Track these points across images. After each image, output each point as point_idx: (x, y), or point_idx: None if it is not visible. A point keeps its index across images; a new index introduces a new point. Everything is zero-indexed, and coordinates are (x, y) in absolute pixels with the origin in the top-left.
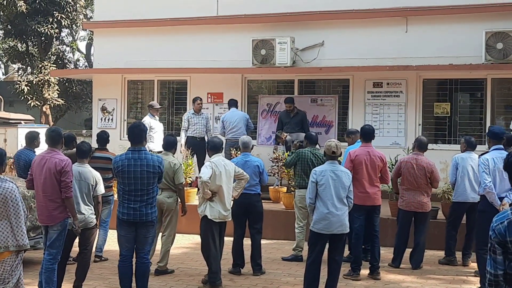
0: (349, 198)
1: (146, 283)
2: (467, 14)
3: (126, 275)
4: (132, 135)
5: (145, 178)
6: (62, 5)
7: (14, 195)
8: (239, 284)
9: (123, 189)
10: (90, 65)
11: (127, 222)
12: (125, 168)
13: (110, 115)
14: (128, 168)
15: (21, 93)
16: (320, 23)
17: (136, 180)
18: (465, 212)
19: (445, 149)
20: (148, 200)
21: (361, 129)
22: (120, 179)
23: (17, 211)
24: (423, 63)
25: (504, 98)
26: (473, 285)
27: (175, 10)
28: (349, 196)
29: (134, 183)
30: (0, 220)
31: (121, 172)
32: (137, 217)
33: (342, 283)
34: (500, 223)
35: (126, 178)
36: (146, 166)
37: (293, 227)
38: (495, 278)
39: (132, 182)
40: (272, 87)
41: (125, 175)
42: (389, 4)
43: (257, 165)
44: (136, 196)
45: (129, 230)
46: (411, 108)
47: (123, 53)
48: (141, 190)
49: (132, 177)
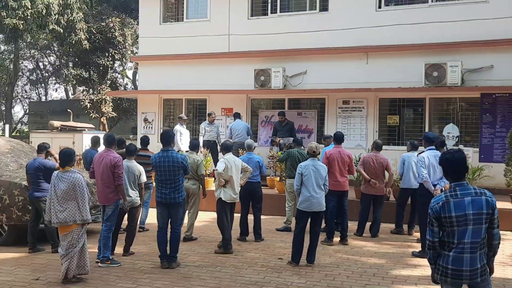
0: (325, 185)
1: (177, 246)
2: (411, 50)
3: (162, 241)
4: (163, 139)
5: (171, 171)
6: (115, 44)
7: (80, 182)
8: (245, 248)
9: (158, 179)
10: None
11: (161, 203)
12: (157, 163)
13: (150, 124)
14: (160, 163)
15: (85, 108)
16: (304, 57)
17: (166, 172)
18: (410, 195)
19: (395, 149)
20: (176, 187)
21: (334, 135)
22: (156, 172)
23: (82, 194)
24: (379, 86)
25: (438, 112)
26: (415, 249)
27: (198, 47)
28: (325, 184)
29: (165, 174)
30: (70, 201)
31: (156, 166)
32: (167, 200)
33: (320, 247)
34: (436, 203)
35: (159, 171)
36: (172, 162)
37: (284, 206)
38: (432, 244)
39: (163, 173)
40: (269, 104)
41: (158, 168)
42: (355, 43)
43: (258, 161)
44: (167, 184)
45: (164, 209)
46: (370, 119)
47: (160, 79)
48: (169, 180)
49: (163, 170)
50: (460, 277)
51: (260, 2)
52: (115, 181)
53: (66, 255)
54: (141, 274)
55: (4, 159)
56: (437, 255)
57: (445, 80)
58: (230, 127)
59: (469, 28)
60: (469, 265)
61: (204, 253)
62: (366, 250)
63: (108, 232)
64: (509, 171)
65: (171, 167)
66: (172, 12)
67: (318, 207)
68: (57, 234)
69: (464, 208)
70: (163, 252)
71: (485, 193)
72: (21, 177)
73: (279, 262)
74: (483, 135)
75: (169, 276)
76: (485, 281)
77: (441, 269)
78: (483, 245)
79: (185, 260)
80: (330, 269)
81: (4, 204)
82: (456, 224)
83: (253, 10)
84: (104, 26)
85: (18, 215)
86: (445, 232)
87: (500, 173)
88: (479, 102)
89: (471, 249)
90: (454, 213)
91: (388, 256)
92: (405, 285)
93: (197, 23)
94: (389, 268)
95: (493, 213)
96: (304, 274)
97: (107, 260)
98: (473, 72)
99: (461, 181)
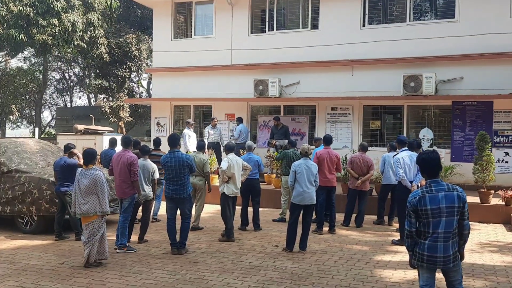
0: (316, 181)
1: (187, 235)
2: (391, 64)
3: (171, 230)
4: (170, 142)
5: (178, 169)
6: (132, 57)
7: (101, 179)
8: (245, 236)
9: (166, 177)
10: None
11: (170, 198)
12: (166, 163)
13: (162, 127)
14: (168, 163)
15: (105, 113)
16: (297, 69)
17: (173, 171)
18: (390, 190)
19: (377, 150)
20: (182, 184)
21: (324, 137)
22: (165, 170)
23: (102, 189)
24: (363, 95)
25: (415, 118)
26: (395, 237)
27: (204, 60)
28: (316, 180)
29: (172, 172)
30: (92, 195)
31: (165, 166)
32: (174, 195)
33: (311, 236)
34: (414, 198)
35: (167, 169)
36: (178, 162)
37: (280, 200)
38: (410, 233)
39: (171, 172)
40: (266, 110)
41: (166, 168)
42: (342, 57)
43: (257, 160)
44: (174, 181)
45: (172, 202)
46: (355, 124)
47: (171, 88)
48: (176, 177)
49: (171, 169)
50: (434, 263)
51: (259, 21)
52: (131, 177)
53: (88, 242)
54: (154, 259)
55: (34, 158)
56: (414, 243)
57: (421, 90)
58: (240, 129)
59: (442, 44)
60: (443, 252)
61: (209, 240)
62: (352, 238)
63: (125, 222)
64: (477, 169)
65: (178, 166)
66: (182, 30)
67: (309, 200)
68: (80, 224)
69: (438, 202)
70: (172, 239)
71: (456, 189)
72: (49, 174)
73: (275, 249)
74: (454, 138)
75: (178, 261)
76: (456, 266)
77: (418, 256)
78: (455, 234)
79: (192, 247)
80: (320, 255)
81: (33, 197)
82: (431, 216)
83: (252, 28)
84: (122, 41)
85: (46, 207)
86: (421, 223)
87: (469, 171)
88: (451, 109)
89: (444, 238)
90: (429, 206)
91: (370, 243)
92: (385, 269)
93: (204, 39)
94: (371, 254)
95: (464, 206)
96: (297, 259)
97: (124, 246)
98: (445, 82)
99: (436, 178)
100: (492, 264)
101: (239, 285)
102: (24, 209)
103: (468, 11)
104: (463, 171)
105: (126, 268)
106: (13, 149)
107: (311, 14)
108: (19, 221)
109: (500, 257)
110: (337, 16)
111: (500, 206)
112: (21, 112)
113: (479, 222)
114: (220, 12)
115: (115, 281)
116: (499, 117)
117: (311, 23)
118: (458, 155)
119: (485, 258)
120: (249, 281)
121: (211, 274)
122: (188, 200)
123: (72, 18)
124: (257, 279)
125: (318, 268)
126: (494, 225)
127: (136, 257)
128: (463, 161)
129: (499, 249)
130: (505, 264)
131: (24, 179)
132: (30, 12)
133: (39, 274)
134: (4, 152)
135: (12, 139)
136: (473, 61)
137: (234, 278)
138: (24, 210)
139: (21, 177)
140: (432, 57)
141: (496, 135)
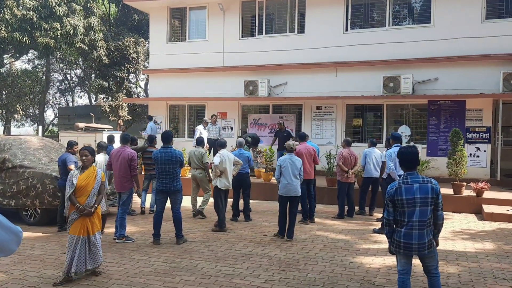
0: (300, 175)
1: (180, 226)
2: (372, 65)
3: (157, 222)
4: (163, 139)
5: (170, 164)
6: (129, 59)
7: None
8: (236, 226)
9: (158, 170)
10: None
11: (161, 191)
12: (158, 158)
13: (159, 125)
14: (160, 158)
15: (105, 112)
16: (285, 71)
17: (165, 165)
18: (371, 183)
19: (359, 146)
20: (173, 177)
21: (298, 134)
22: (157, 165)
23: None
24: (346, 95)
25: (394, 116)
26: (376, 226)
27: (198, 62)
28: (300, 174)
29: (164, 166)
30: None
31: (156, 160)
32: (167, 188)
33: (298, 226)
34: (391, 188)
35: (159, 164)
36: (170, 157)
37: (268, 193)
38: (388, 222)
39: (163, 166)
40: (256, 109)
41: (158, 162)
42: (326, 60)
43: (247, 156)
44: (166, 175)
45: (163, 196)
46: (339, 122)
47: (167, 88)
48: (168, 171)
49: (162, 163)
50: (410, 249)
51: (249, 25)
52: (131, 172)
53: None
54: (151, 248)
55: (37, 154)
56: (392, 231)
57: (399, 90)
58: (151, 126)
59: (419, 47)
60: (417, 239)
61: (203, 231)
62: (335, 228)
63: (123, 214)
64: (451, 163)
65: (170, 161)
66: (177, 33)
67: (294, 192)
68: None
69: (413, 193)
70: (156, 232)
71: (431, 181)
72: (52, 169)
73: (264, 238)
74: (430, 134)
75: (174, 250)
76: (431, 252)
77: (395, 243)
78: (430, 223)
79: (187, 236)
80: (305, 244)
81: (37, 191)
82: (407, 205)
83: (243, 32)
84: (120, 44)
85: (49, 200)
86: (398, 212)
87: (444, 165)
88: (427, 108)
89: (419, 227)
90: (404, 196)
91: (353, 232)
92: (366, 256)
93: (197, 42)
94: (353, 243)
95: (438, 197)
96: (284, 247)
97: (122, 237)
98: (421, 83)
99: (412, 171)
100: (464, 251)
101: (230, 272)
102: (28, 202)
103: (443, 17)
104: (438, 165)
105: (125, 256)
106: (17, 146)
107: (298, 20)
108: (23, 213)
109: (472, 244)
110: (321, 21)
111: (471, 197)
112: (25, 111)
113: (453, 212)
114: (213, 17)
115: (115, 269)
116: (471, 115)
117: (298, 28)
118: (433, 150)
119: (458, 245)
120: (240, 268)
121: (204, 262)
122: (179, 192)
123: (73, 22)
124: (248, 266)
125: (304, 256)
126: (466, 215)
127: (134, 247)
128: (438, 155)
129: (470, 236)
130: (476, 251)
131: (28, 174)
132: (33, 16)
133: (43, 263)
134: (9, 149)
135: (17, 136)
136: (447, 63)
137: (226, 266)
138: (28, 203)
139: (25, 172)
140: (409, 60)
141: (468, 132)
